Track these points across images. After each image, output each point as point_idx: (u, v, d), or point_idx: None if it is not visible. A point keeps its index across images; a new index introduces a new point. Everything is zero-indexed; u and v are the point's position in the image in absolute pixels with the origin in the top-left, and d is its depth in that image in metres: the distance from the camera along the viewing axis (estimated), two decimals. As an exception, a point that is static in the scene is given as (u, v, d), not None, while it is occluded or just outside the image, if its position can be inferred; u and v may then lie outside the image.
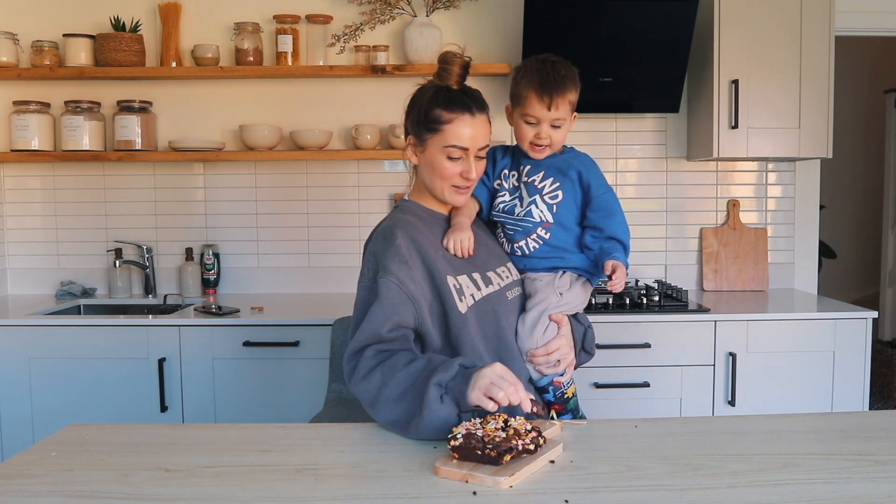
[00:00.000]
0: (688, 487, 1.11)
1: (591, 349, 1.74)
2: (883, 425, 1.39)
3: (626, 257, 1.61)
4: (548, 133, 1.59)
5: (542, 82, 1.56)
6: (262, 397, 2.57)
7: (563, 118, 1.59)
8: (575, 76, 1.62)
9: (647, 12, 2.74)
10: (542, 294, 1.61)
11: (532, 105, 1.57)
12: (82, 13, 3.05)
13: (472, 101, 1.54)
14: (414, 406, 1.33)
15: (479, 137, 1.53)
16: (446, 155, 1.52)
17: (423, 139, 1.55)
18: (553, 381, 1.60)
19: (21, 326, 2.57)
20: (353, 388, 1.45)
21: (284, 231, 3.15)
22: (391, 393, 1.37)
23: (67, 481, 1.16)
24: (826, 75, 2.77)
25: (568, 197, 1.62)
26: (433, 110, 1.52)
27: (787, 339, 2.58)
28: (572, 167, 1.63)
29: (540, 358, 1.58)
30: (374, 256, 1.50)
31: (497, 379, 1.30)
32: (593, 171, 1.65)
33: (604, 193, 1.62)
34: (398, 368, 1.39)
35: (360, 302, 1.49)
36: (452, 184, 1.55)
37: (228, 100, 3.10)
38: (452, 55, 1.55)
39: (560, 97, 1.57)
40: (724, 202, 3.16)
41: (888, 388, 4.05)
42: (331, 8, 3.03)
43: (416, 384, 1.36)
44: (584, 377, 2.56)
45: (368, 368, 1.41)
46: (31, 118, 2.95)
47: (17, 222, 3.17)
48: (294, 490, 1.12)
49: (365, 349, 1.43)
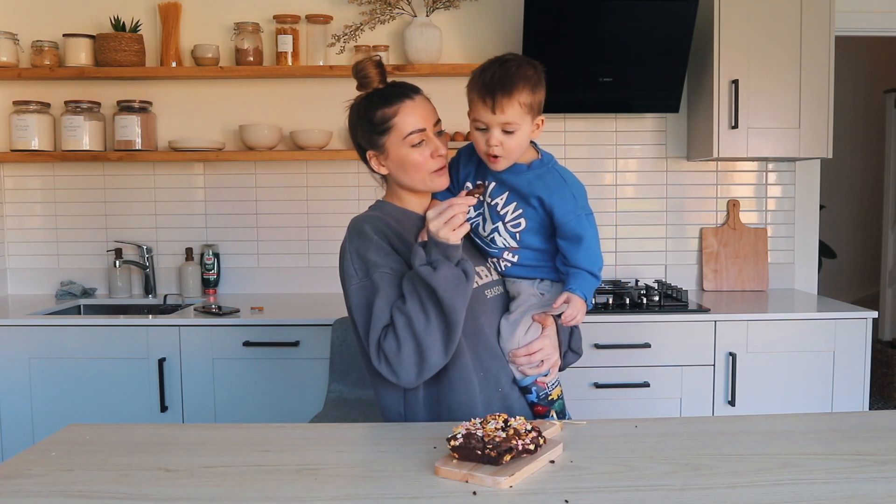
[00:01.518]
0: (688, 487, 1.11)
1: (578, 349, 1.72)
2: (883, 425, 1.39)
3: (594, 284, 1.53)
4: (499, 139, 1.46)
5: (485, 83, 1.45)
6: (262, 397, 2.57)
7: (514, 122, 1.45)
8: (531, 76, 1.47)
9: (647, 12, 2.73)
10: (524, 295, 1.59)
11: (476, 108, 1.47)
12: (82, 13, 3.05)
13: (404, 88, 1.56)
14: (436, 307, 1.39)
15: (428, 115, 1.55)
16: (409, 145, 1.52)
17: (380, 145, 1.55)
18: (536, 382, 1.57)
19: (21, 326, 2.57)
20: (402, 373, 1.42)
21: (284, 231, 3.15)
22: (419, 326, 1.40)
23: (67, 481, 1.16)
24: (826, 75, 2.77)
25: (532, 223, 1.54)
26: (375, 113, 1.53)
27: (787, 339, 2.58)
28: (533, 193, 1.51)
29: (522, 358, 1.55)
30: (358, 255, 1.49)
31: (439, 214, 1.39)
32: (558, 193, 1.51)
33: (568, 221, 1.50)
34: (403, 310, 1.41)
35: (360, 302, 1.48)
36: (430, 170, 1.54)
37: (228, 100, 3.10)
38: (362, 62, 1.56)
39: (505, 98, 1.43)
40: (724, 202, 3.16)
41: (888, 388, 4.06)
42: (331, 8, 3.03)
43: (420, 295, 1.40)
44: (584, 377, 2.56)
45: (396, 344, 1.41)
46: (31, 118, 2.95)
47: (17, 222, 3.17)
48: (294, 490, 1.12)
49: (380, 341, 1.43)
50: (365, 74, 1.56)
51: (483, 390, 1.52)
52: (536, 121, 1.50)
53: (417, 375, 1.43)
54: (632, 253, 3.16)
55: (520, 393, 1.59)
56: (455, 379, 1.50)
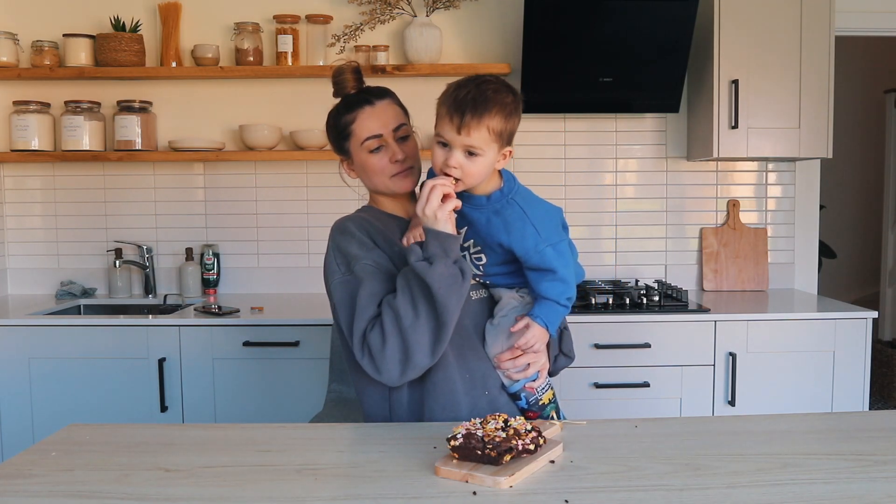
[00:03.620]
0: (688, 487, 1.11)
1: (570, 352, 1.68)
2: (883, 425, 1.39)
3: (560, 313, 1.48)
4: (459, 162, 1.37)
5: (457, 99, 1.36)
6: (262, 397, 2.57)
7: (479, 147, 1.37)
8: (507, 103, 1.38)
9: (647, 12, 2.73)
10: (506, 299, 1.56)
11: (442, 124, 1.38)
12: (82, 13, 3.05)
13: (369, 94, 1.57)
14: (428, 304, 1.37)
15: (389, 120, 1.55)
16: (367, 150, 1.54)
17: (346, 151, 1.59)
18: (525, 387, 1.53)
19: (21, 326, 2.57)
20: (385, 369, 1.40)
21: (284, 231, 3.15)
22: (407, 322, 1.38)
23: (67, 481, 1.16)
24: (826, 75, 2.77)
25: (493, 259, 1.50)
26: (339, 120, 1.57)
27: (787, 339, 2.58)
28: (490, 234, 1.46)
29: (507, 363, 1.51)
30: (340, 251, 1.50)
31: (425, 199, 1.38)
32: (518, 232, 1.43)
33: (530, 259, 1.44)
34: (392, 305, 1.39)
35: (343, 296, 1.46)
36: (389, 175, 1.55)
37: (228, 100, 3.10)
38: (339, 67, 1.57)
39: (474, 120, 1.35)
40: (724, 202, 3.16)
41: (888, 388, 4.06)
42: (331, 8, 3.03)
43: (412, 290, 1.38)
44: (584, 377, 2.56)
45: (381, 339, 1.39)
46: (31, 118, 2.95)
47: (17, 222, 3.17)
48: (294, 490, 1.12)
49: (365, 334, 1.41)
50: (340, 80, 1.57)
51: (468, 392, 1.50)
52: (504, 150, 1.42)
53: (401, 374, 1.41)
54: (632, 253, 3.16)
55: (510, 399, 1.56)
56: (438, 380, 1.48)
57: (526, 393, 1.54)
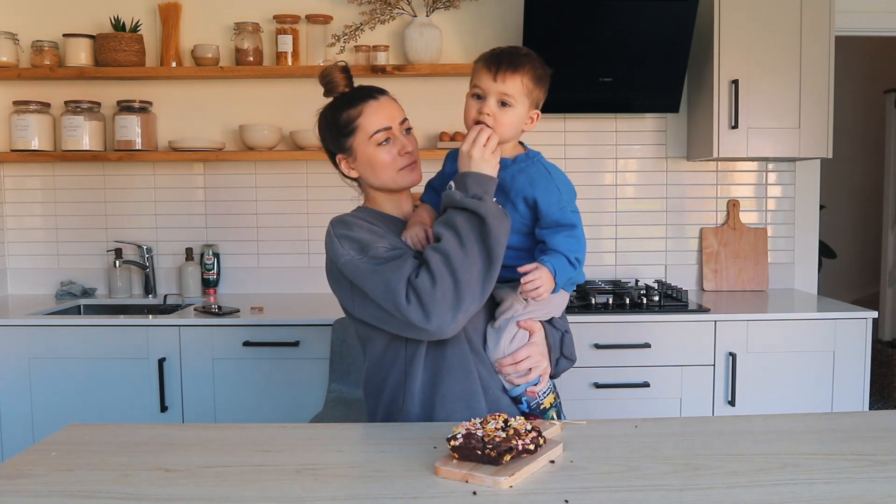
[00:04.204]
0: (688, 487, 1.11)
1: (571, 355, 1.66)
2: (883, 425, 1.39)
3: (570, 272, 1.45)
4: (493, 110, 1.44)
5: (494, 54, 1.47)
6: (262, 397, 2.57)
7: (513, 97, 1.44)
8: (538, 68, 1.47)
9: (647, 12, 2.74)
10: (508, 301, 1.53)
11: (479, 75, 1.46)
12: (82, 13, 3.05)
13: (369, 89, 1.57)
14: (479, 241, 1.37)
15: (394, 113, 1.55)
16: (375, 143, 1.52)
17: (347, 148, 1.56)
18: (526, 392, 1.52)
19: (21, 326, 2.57)
20: (435, 312, 1.35)
21: (284, 231, 3.15)
22: (457, 260, 1.36)
23: (67, 481, 1.16)
24: (826, 75, 2.77)
25: (515, 224, 1.48)
26: (340, 116, 1.54)
27: (787, 339, 2.58)
28: (515, 188, 1.48)
29: (508, 368, 1.51)
30: (347, 239, 1.46)
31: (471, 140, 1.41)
32: (542, 186, 1.47)
33: (552, 213, 1.46)
34: (438, 248, 1.38)
35: (369, 273, 1.41)
36: (398, 168, 1.54)
37: (228, 100, 3.09)
38: (328, 68, 1.57)
39: (509, 71, 1.44)
40: (724, 202, 3.16)
41: (888, 388, 4.05)
42: (331, 8, 3.03)
43: (458, 230, 1.37)
44: (584, 377, 2.56)
45: (430, 280, 1.36)
46: (31, 118, 2.95)
47: (17, 222, 3.17)
48: (294, 490, 1.12)
49: (410, 279, 1.37)
50: (330, 80, 1.56)
51: (474, 393, 1.49)
52: (532, 113, 1.50)
53: (453, 318, 1.36)
54: (632, 253, 3.16)
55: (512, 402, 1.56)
56: (454, 365, 1.47)
57: (528, 397, 1.53)
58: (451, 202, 1.41)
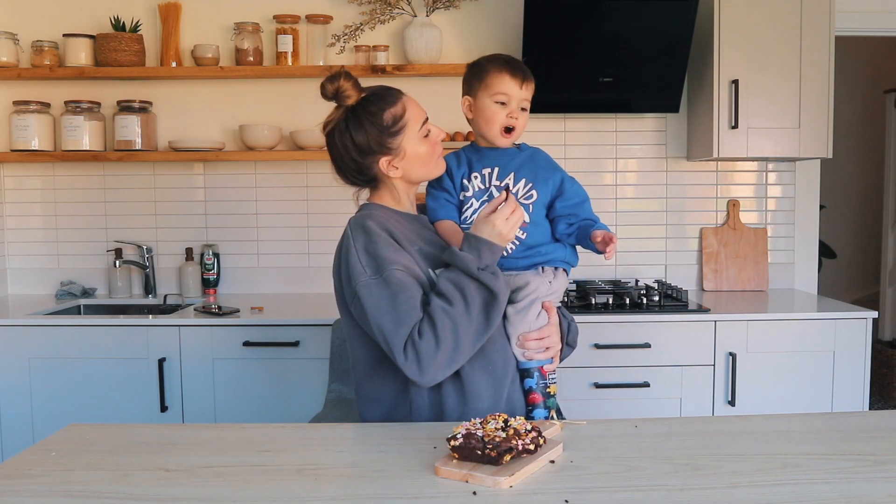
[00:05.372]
0: (688, 487, 1.11)
1: (573, 343, 1.74)
2: (883, 425, 1.39)
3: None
4: (517, 113, 1.60)
5: (510, 62, 1.60)
6: (262, 397, 2.57)
7: (528, 102, 1.62)
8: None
9: (647, 12, 2.74)
10: (534, 284, 1.59)
11: (504, 82, 1.58)
12: (82, 13, 3.05)
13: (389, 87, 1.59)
14: (483, 311, 1.43)
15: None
16: (422, 136, 1.56)
17: (395, 147, 1.54)
18: (540, 369, 1.58)
19: (21, 326, 2.57)
20: (428, 373, 1.39)
21: (284, 231, 3.15)
22: (463, 330, 1.40)
23: (67, 481, 1.16)
24: (826, 75, 2.77)
25: (543, 197, 1.61)
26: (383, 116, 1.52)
27: (787, 339, 2.58)
28: (536, 166, 1.62)
29: (532, 343, 1.57)
30: (367, 253, 1.45)
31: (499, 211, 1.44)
32: (551, 167, 1.65)
33: (574, 185, 1.64)
34: (450, 313, 1.40)
35: (377, 300, 1.41)
36: (437, 156, 1.60)
37: (228, 100, 3.10)
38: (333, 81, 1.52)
39: (529, 79, 1.60)
40: (724, 202, 3.16)
41: (888, 388, 4.05)
42: (331, 8, 3.03)
43: (466, 296, 1.41)
44: (584, 377, 2.56)
45: (434, 345, 1.39)
46: (31, 118, 2.95)
47: (17, 222, 3.17)
48: (294, 490, 1.12)
49: (414, 340, 1.40)
50: (339, 88, 1.52)
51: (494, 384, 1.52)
52: None
53: (443, 375, 1.43)
54: (632, 253, 3.16)
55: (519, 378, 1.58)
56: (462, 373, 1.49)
57: (539, 374, 1.58)
58: (465, 268, 1.43)
